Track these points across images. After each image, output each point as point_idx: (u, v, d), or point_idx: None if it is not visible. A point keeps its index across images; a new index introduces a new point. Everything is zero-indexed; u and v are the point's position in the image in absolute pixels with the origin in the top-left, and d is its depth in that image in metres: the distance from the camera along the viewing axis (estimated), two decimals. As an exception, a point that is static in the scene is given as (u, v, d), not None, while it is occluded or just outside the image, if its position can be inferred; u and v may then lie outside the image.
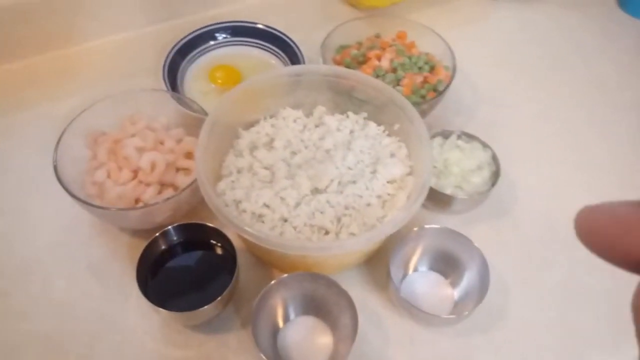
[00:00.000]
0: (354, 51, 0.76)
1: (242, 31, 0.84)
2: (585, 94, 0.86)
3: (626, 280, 0.70)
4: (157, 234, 0.58)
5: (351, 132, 0.66)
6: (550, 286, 0.64)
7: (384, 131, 0.66)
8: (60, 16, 0.82)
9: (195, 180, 0.58)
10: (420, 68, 0.74)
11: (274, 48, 0.83)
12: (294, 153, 0.64)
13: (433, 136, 0.69)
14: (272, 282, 0.55)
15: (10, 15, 0.78)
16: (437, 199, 0.65)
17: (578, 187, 0.73)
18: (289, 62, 0.81)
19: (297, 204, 0.59)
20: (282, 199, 0.59)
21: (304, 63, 0.78)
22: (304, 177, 0.60)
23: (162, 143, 0.66)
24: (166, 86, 0.74)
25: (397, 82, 0.72)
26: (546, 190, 0.72)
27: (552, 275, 0.64)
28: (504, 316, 0.60)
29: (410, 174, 0.62)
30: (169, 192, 0.63)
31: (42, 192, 0.68)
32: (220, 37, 0.84)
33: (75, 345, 0.58)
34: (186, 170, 0.66)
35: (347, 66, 0.75)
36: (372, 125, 0.67)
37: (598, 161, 0.76)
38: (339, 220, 0.58)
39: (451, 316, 0.58)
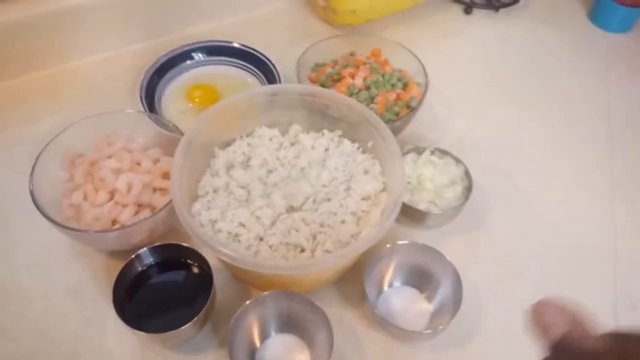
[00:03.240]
0: (329, 69, 0.77)
1: (219, 50, 0.85)
2: (557, 105, 0.88)
3: (598, 291, 0.72)
4: (133, 256, 0.58)
5: (326, 149, 0.67)
6: (523, 297, 0.64)
7: (358, 148, 0.68)
8: (39, 37, 0.83)
9: (171, 201, 0.59)
10: (393, 85, 0.75)
11: (250, 66, 0.85)
12: (269, 172, 0.65)
13: (407, 152, 0.70)
14: (247, 301, 0.55)
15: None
16: (411, 215, 0.66)
17: (550, 199, 0.74)
18: (265, 80, 0.82)
19: (273, 223, 0.60)
20: (258, 217, 0.60)
21: (280, 81, 0.79)
22: (279, 196, 0.61)
23: (138, 164, 0.67)
24: (143, 106, 0.75)
25: (370, 100, 0.73)
26: (518, 202, 0.74)
27: (524, 286, 0.66)
28: (479, 328, 0.61)
29: (384, 190, 0.64)
30: (145, 213, 0.63)
31: (20, 213, 0.68)
32: (197, 56, 0.85)
33: (53, 367, 0.58)
34: (163, 190, 0.66)
35: (322, 84, 0.76)
36: (347, 142, 0.68)
37: (570, 172, 0.78)
38: (314, 237, 0.59)
39: (427, 331, 0.59)
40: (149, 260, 0.60)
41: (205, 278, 0.58)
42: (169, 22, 0.92)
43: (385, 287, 0.63)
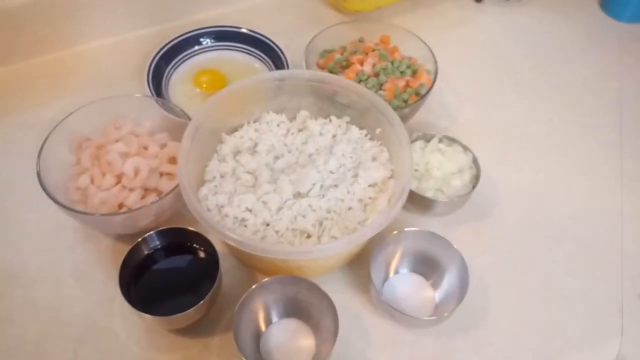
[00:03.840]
0: (338, 56, 0.77)
1: (227, 36, 0.85)
2: (567, 96, 0.87)
3: (605, 280, 0.72)
4: (139, 240, 0.58)
5: (334, 136, 0.67)
6: (529, 287, 0.65)
7: (366, 135, 0.67)
8: (45, 21, 0.82)
9: (178, 185, 0.59)
10: (402, 72, 0.74)
11: (258, 52, 0.84)
12: (277, 157, 0.65)
13: (415, 140, 0.70)
14: (254, 286, 0.55)
15: (-5, 20, 0.79)
16: (418, 202, 0.66)
17: (558, 189, 0.74)
18: (273, 66, 0.82)
19: (280, 208, 0.60)
20: (265, 203, 0.60)
21: (287, 67, 0.79)
22: (286, 182, 0.61)
23: (146, 148, 0.67)
24: (150, 91, 0.75)
25: (379, 87, 0.73)
26: (526, 192, 0.73)
27: (531, 275, 0.65)
28: (484, 317, 0.61)
29: (391, 177, 0.63)
30: (152, 197, 0.63)
31: (26, 197, 0.68)
32: (205, 41, 0.85)
33: (59, 350, 0.58)
34: (170, 175, 0.66)
35: (331, 71, 0.75)
36: (355, 129, 0.67)
37: (578, 163, 0.77)
38: (320, 224, 0.59)
39: (432, 317, 0.59)
40: (155, 244, 0.60)
41: (211, 262, 0.58)
42: (176, 8, 0.92)
43: (391, 274, 0.63)
